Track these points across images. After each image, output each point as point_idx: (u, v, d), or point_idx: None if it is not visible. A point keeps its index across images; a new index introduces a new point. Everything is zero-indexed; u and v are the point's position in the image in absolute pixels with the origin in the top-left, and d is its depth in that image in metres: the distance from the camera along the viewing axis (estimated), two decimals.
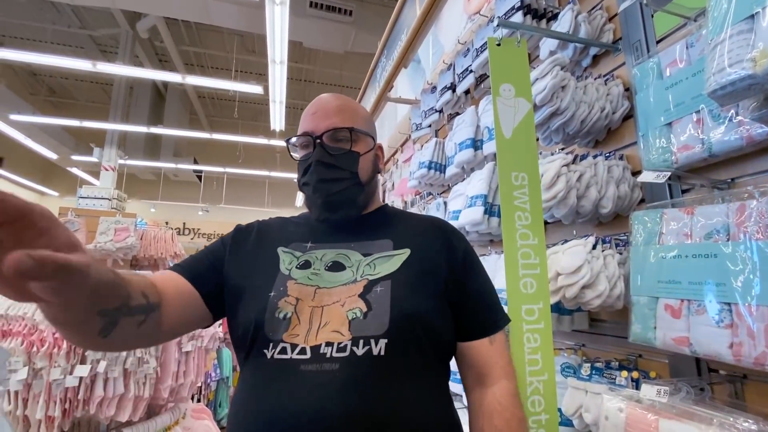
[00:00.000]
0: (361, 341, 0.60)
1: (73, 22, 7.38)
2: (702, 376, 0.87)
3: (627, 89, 1.13)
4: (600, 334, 1.17)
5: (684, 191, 0.96)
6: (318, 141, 0.73)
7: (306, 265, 0.70)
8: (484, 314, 0.72)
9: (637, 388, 0.92)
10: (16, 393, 1.36)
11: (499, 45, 1.00)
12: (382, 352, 0.59)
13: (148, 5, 5.89)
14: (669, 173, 0.84)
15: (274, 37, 4.22)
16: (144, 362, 1.63)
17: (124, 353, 1.55)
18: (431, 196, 2.22)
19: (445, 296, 0.69)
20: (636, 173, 1.08)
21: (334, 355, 0.59)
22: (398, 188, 2.78)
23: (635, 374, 0.94)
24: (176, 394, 1.83)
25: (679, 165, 0.88)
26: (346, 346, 0.59)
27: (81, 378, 1.46)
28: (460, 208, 1.49)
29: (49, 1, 6.56)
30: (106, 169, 7.98)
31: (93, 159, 8.15)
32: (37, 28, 7.47)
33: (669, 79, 0.93)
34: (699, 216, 0.79)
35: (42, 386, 1.38)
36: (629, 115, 1.12)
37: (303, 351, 0.60)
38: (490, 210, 1.39)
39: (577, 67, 1.28)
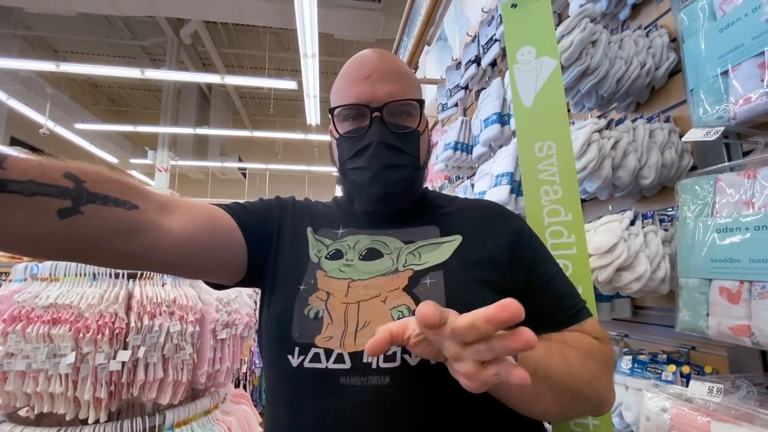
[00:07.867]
0: None
1: (125, 34, 7.92)
2: None
3: (673, 40, 0.96)
4: (645, 323, 1.03)
5: (746, 153, 0.80)
6: (377, 115, 0.59)
7: (337, 255, 0.60)
8: (566, 301, 0.58)
9: (688, 385, 0.79)
10: (66, 376, 1.46)
11: (514, 6, 0.88)
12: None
13: (185, 9, 6.16)
14: (721, 128, 0.69)
15: (305, 31, 4.23)
16: (180, 348, 1.70)
17: (161, 340, 1.63)
18: (460, 180, 2.11)
19: (512, 287, 0.57)
20: None
21: (382, 365, 0.49)
22: (428, 174, 2.70)
23: (685, 369, 0.81)
24: (214, 380, 1.90)
25: (738, 121, 0.73)
26: (395, 354, 0.49)
27: (123, 363, 1.54)
28: (486, 189, 1.39)
29: (103, 16, 7.07)
30: (160, 170, 8.54)
31: (148, 161, 8.77)
32: (95, 43, 8.10)
33: (724, 19, 0.77)
34: (762, 179, 0.65)
35: (89, 370, 1.48)
36: (677, 70, 0.96)
37: (340, 359, 0.50)
38: (518, 189, 1.28)
39: (614, 20, 1.12)
